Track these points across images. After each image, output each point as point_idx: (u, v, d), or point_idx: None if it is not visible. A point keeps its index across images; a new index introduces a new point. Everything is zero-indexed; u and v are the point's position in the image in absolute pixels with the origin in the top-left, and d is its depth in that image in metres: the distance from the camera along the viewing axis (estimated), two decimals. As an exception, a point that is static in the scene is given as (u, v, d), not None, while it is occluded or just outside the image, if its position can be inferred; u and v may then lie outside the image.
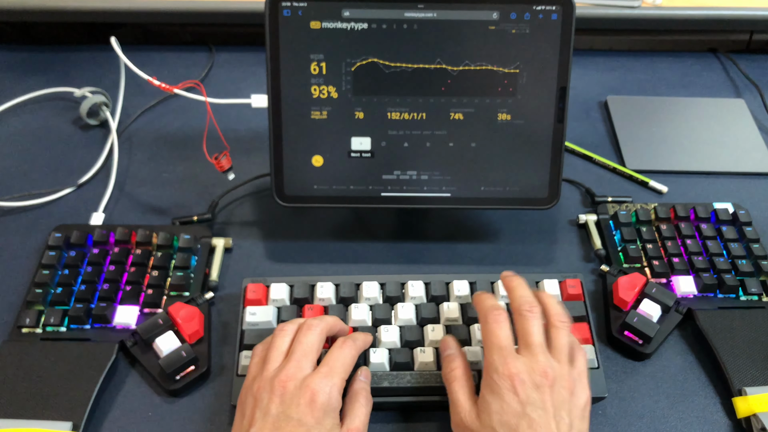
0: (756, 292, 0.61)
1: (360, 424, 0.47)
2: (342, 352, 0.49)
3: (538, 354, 0.46)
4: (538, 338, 0.47)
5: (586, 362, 0.50)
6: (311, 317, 0.52)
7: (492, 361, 0.46)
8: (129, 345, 0.57)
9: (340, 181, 0.62)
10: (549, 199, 0.62)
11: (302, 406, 0.45)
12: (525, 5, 0.57)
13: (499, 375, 0.45)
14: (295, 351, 0.48)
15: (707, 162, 0.76)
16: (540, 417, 0.43)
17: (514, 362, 0.45)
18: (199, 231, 0.65)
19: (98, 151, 0.76)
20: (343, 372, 0.48)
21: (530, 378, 0.45)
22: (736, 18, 0.85)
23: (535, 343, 0.47)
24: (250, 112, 0.77)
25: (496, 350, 0.47)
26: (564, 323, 0.49)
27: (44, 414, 0.52)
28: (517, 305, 0.50)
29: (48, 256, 0.62)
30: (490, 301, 0.51)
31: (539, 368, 0.45)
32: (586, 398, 0.47)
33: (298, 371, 0.46)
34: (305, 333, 0.49)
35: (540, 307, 0.50)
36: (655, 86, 0.87)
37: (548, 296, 0.51)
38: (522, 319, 0.49)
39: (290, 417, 0.44)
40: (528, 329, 0.48)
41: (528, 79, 0.59)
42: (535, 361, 0.46)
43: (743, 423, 0.53)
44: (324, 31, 0.58)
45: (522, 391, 0.44)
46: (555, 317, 0.49)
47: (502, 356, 0.46)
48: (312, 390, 0.45)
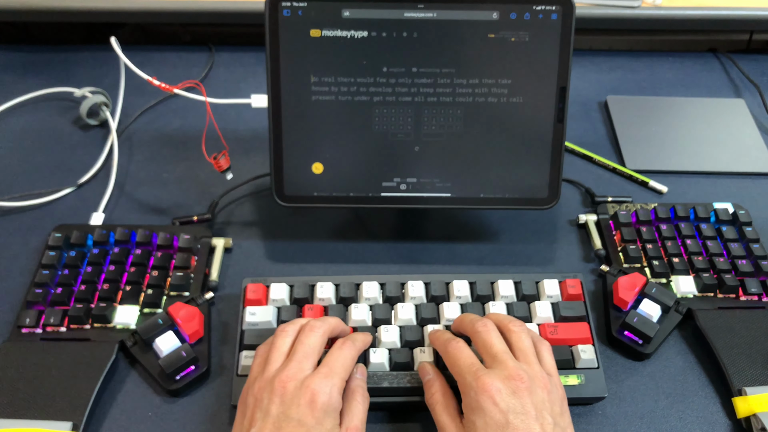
0: (756, 292, 0.61)
1: (358, 422, 0.47)
2: (342, 353, 0.49)
3: (506, 361, 0.47)
4: (500, 346, 0.48)
5: (552, 355, 0.51)
6: (313, 318, 0.52)
7: (465, 381, 0.47)
8: (129, 345, 0.57)
9: (340, 180, 0.62)
10: (549, 199, 0.62)
11: (302, 407, 0.45)
12: (525, 5, 0.57)
13: (476, 392, 0.45)
14: (297, 352, 0.48)
15: (707, 162, 0.76)
16: (523, 422, 0.44)
17: (486, 376, 0.46)
18: (199, 231, 0.66)
19: (98, 151, 0.76)
20: (343, 372, 0.48)
21: (506, 386, 0.45)
22: (736, 18, 0.85)
23: (499, 351, 0.48)
24: (250, 112, 0.77)
25: (466, 370, 0.47)
26: (518, 326, 0.50)
27: (44, 414, 0.52)
28: (470, 327, 0.51)
29: (48, 256, 0.62)
30: (445, 335, 0.52)
31: (512, 374, 0.46)
32: (561, 392, 0.48)
33: (299, 372, 0.46)
34: (307, 334, 0.49)
35: (491, 321, 0.51)
36: (655, 86, 0.87)
37: (495, 314, 0.54)
38: (479, 336, 0.49)
39: (290, 417, 0.44)
40: (488, 341, 0.49)
41: (528, 79, 0.59)
42: (506, 368, 0.46)
43: (743, 423, 0.53)
44: (324, 37, 0.58)
45: (501, 401, 0.44)
46: (508, 324, 0.51)
47: (472, 372, 0.46)
48: (312, 391, 0.45)
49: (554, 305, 0.58)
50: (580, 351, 0.55)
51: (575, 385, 0.54)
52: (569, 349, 0.55)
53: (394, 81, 0.59)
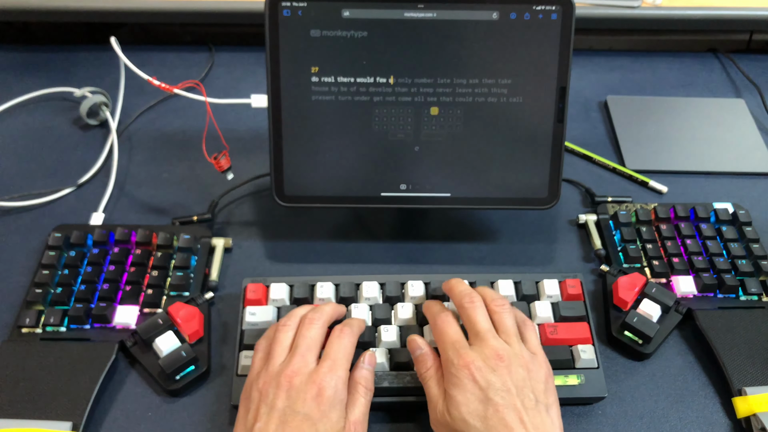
0: (756, 292, 0.61)
1: (360, 414, 0.48)
2: (342, 342, 0.50)
3: (488, 339, 0.48)
4: (484, 324, 0.49)
5: (537, 336, 0.52)
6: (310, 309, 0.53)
7: (448, 356, 0.48)
8: (129, 345, 0.57)
9: (340, 180, 0.62)
10: (549, 199, 0.62)
11: (309, 401, 0.45)
12: (525, 5, 0.57)
13: (456, 367, 0.46)
14: (299, 346, 0.49)
15: (707, 162, 0.76)
16: (503, 399, 0.44)
17: (468, 352, 0.47)
18: (199, 231, 0.66)
19: (98, 151, 0.76)
20: (346, 363, 0.49)
21: (485, 363, 0.46)
22: (736, 18, 0.85)
23: (483, 329, 0.49)
24: (250, 112, 0.77)
25: (449, 345, 0.48)
26: (503, 305, 0.51)
27: (44, 414, 0.52)
28: (458, 300, 0.52)
29: (48, 256, 0.62)
30: (436, 307, 0.53)
31: (492, 352, 0.47)
32: (545, 372, 0.48)
33: (304, 366, 0.47)
34: (308, 327, 0.50)
35: (479, 297, 0.51)
36: (655, 86, 0.87)
37: (484, 287, 0.55)
38: (465, 311, 0.50)
39: (297, 411, 0.45)
40: (473, 318, 0.50)
41: (528, 79, 0.59)
42: (487, 346, 0.47)
43: (743, 423, 0.53)
44: (324, 36, 0.58)
45: (480, 377, 0.45)
46: (493, 303, 0.51)
47: (455, 349, 0.48)
48: (319, 385, 0.46)
49: (554, 305, 0.58)
50: (580, 351, 0.55)
51: (575, 385, 0.54)
52: (569, 349, 0.55)
53: (394, 81, 0.59)
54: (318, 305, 0.55)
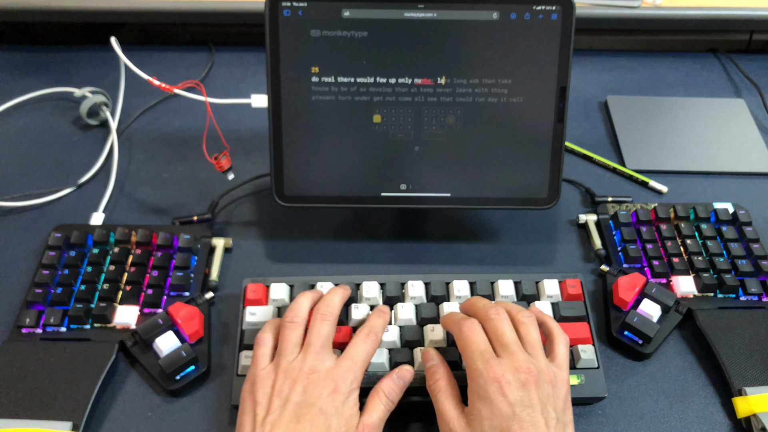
0: (756, 292, 0.61)
1: (376, 420, 0.48)
2: (365, 346, 0.50)
3: (516, 352, 0.47)
4: (511, 336, 0.48)
5: (567, 349, 0.50)
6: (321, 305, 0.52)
7: (475, 367, 0.46)
8: (129, 345, 0.57)
9: (340, 180, 0.62)
10: (549, 199, 0.62)
11: (325, 396, 0.46)
12: (525, 5, 0.57)
13: (485, 379, 0.45)
14: (314, 343, 0.49)
15: (707, 162, 0.76)
16: (529, 415, 0.44)
17: (498, 364, 0.46)
18: (199, 231, 0.66)
19: (98, 151, 0.76)
20: (363, 365, 0.50)
21: (515, 377, 0.45)
22: (736, 18, 0.85)
23: (510, 341, 0.48)
24: (250, 112, 0.77)
25: (477, 355, 0.47)
26: (528, 317, 0.50)
27: (44, 414, 0.52)
28: (483, 313, 0.50)
29: (48, 256, 0.62)
30: (457, 315, 0.52)
31: (522, 367, 0.46)
32: (566, 389, 0.48)
33: (320, 363, 0.48)
34: (320, 323, 0.51)
35: (503, 309, 0.51)
36: (655, 86, 0.87)
37: (505, 302, 0.53)
38: (491, 322, 0.49)
39: (312, 404, 0.45)
40: (500, 330, 0.48)
41: (528, 79, 0.59)
42: (516, 359, 0.46)
43: (743, 423, 0.53)
44: (324, 36, 0.58)
45: (510, 392, 0.44)
46: (518, 315, 0.50)
47: (484, 360, 0.46)
48: (336, 382, 0.47)
49: (554, 305, 0.58)
50: (580, 351, 0.55)
51: (575, 385, 0.54)
52: (569, 349, 0.55)
53: (394, 81, 0.59)
54: (324, 295, 0.54)
